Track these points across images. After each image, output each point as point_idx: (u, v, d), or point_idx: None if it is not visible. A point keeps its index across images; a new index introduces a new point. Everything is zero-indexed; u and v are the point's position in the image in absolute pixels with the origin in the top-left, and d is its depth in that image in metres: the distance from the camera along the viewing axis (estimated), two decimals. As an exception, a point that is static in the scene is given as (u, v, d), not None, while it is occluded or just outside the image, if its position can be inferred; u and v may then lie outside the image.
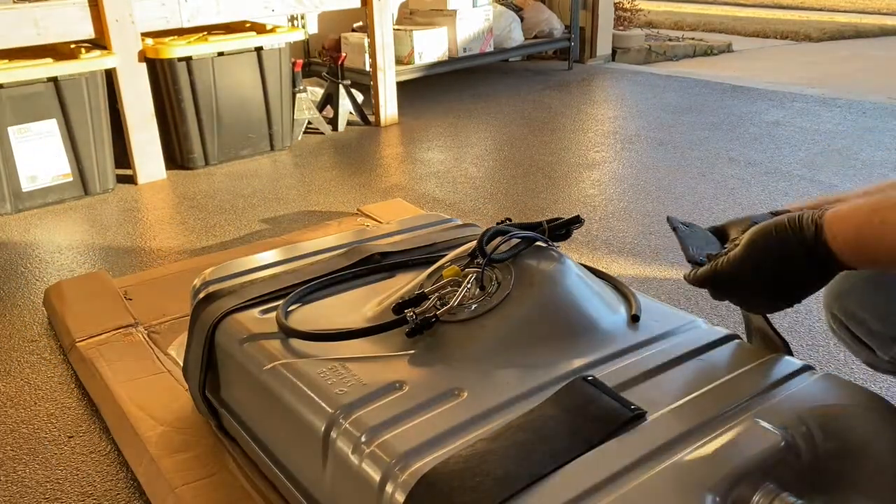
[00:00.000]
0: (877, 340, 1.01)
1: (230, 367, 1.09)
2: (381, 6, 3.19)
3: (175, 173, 2.78)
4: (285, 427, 0.95)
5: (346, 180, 2.67)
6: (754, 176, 2.60)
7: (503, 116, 3.48)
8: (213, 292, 1.17)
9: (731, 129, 3.18)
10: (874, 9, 7.87)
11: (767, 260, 0.79)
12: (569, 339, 0.95)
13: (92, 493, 1.20)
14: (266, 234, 2.22)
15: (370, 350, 0.96)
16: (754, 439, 0.75)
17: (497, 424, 0.80)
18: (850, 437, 0.79)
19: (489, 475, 0.72)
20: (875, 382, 1.43)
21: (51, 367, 1.56)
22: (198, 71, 2.68)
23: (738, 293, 0.85)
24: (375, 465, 0.78)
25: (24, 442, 1.33)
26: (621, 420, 0.79)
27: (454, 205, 2.41)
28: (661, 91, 3.91)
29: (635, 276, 1.89)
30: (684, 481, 0.70)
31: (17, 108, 2.35)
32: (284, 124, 3.00)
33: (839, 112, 3.43)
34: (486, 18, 3.89)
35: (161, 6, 2.61)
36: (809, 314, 1.68)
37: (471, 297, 0.98)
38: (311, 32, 3.98)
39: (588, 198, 2.45)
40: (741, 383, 0.86)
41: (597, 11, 4.54)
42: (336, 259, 1.24)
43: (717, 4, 8.27)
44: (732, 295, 0.86)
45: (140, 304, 1.72)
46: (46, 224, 2.35)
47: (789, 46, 5.90)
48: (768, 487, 0.70)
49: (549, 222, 1.07)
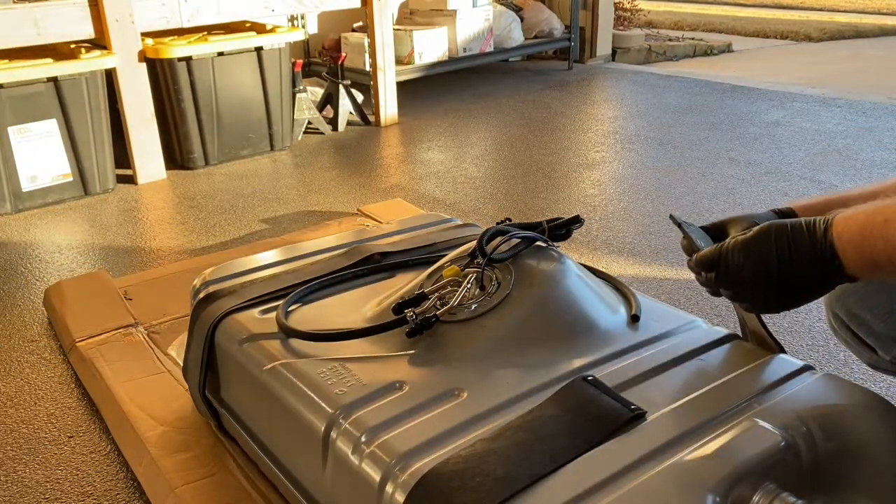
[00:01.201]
0: (878, 340, 1.01)
1: (230, 368, 1.09)
2: (381, 6, 3.19)
3: (175, 173, 2.78)
4: (285, 427, 0.95)
5: (346, 180, 2.67)
6: (754, 176, 2.60)
7: (503, 116, 3.48)
8: (213, 292, 1.17)
9: (731, 129, 3.18)
10: (874, 9, 7.87)
11: (773, 253, 0.79)
12: (569, 339, 0.95)
13: (92, 493, 1.20)
14: (266, 234, 2.22)
15: (370, 350, 0.96)
16: (754, 439, 0.75)
17: (497, 424, 0.80)
18: (850, 437, 0.79)
19: (489, 475, 0.72)
20: (875, 382, 1.43)
21: (51, 367, 1.56)
22: (198, 71, 2.68)
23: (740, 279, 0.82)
24: (375, 465, 0.78)
25: (24, 442, 1.33)
26: (621, 420, 0.79)
27: (454, 205, 2.41)
28: (661, 91, 3.91)
29: (635, 276, 1.89)
30: (684, 481, 0.70)
31: (17, 108, 2.35)
32: (284, 124, 3.00)
33: (839, 112, 3.43)
34: (486, 18, 3.89)
35: (161, 6, 2.61)
36: (809, 314, 1.68)
37: (471, 297, 0.98)
38: (311, 32, 3.98)
39: (588, 198, 2.45)
40: (741, 383, 0.86)
41: (597, 11, 4.54)
42: (336, 259, 1.24)
43: (717, 4, 8.27)
44: (734, 282, 0.83)
45: (140, 304, 1.72)
46: (46, 224, 2.35)
47: (789, 46, 5.90)
48: (768, 487, 0.70)
49: (549, 222, 1.07)
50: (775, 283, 0.79)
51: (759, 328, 0.96)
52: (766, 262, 0.79)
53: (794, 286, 0.79)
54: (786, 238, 0.78)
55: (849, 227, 0.75)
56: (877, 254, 0.72)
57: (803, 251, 0.77)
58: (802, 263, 0.77)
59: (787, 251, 0.78)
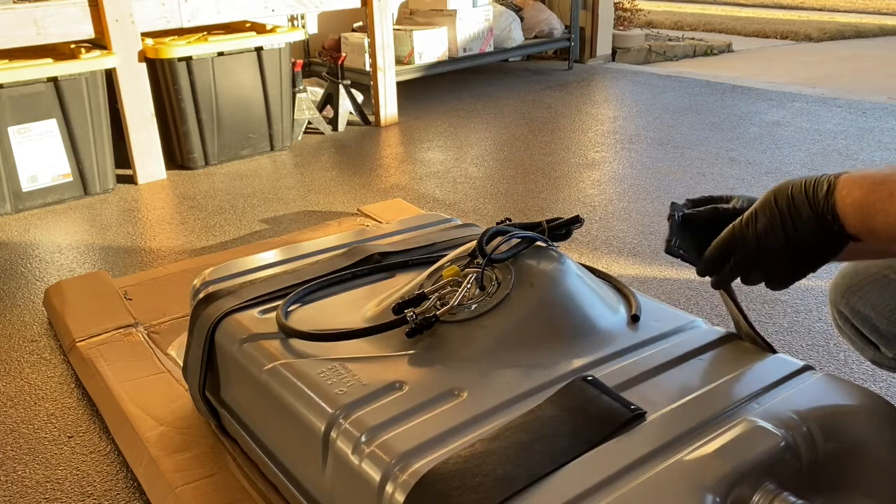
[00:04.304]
0: (882, 338, 1.01)
1: (230, 368, 1.09)
2: (381, 6, 3.19)
3: (175, 173, 2.78)
4: (285, 427, 0.95)
5: (346, 180, 2.67)
6: (754, 176, 2.60)
7: (503, 116, 3.48)
8: (212, 292, 1.17)
9: (731, 129, 3.18)
10: (874, 9, 7.87)
11: (777, 220, 0.77)
12: (569, 339, 0.95)
13: (92, 493, 1.20)
14: (266, 234, 2.22)
15: (370, 350, 0.96)
16: (754, 439, 0.75)
17: (497, 425, 0.80)
18: (850, 437, 0.79)
19: (489, 475, 0.72)
20: (875, 382, 1.43)
21: (51, 367, 1.56)
22: (198, 71, 2.68)
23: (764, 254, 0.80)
24: (375, 465, 0.78)
25: (24, 442, 1.33)
26: (621, 420, 0.79)
27: (454, 205, 2.41)
28: (661, 91, 3.91)
29: (635, 276, 1.89)
30: (684, 481, 0.70)
31: (17, 108, 2.35)
32: (284, 124, 3.00)
33: (839, 112, 3.43)
34: (486, 18, 3.89)
35: (161, 6, 2.61)
36: (809, 314, 1.68)
37: (471, 297, 0.98)
38: (311, 32, 3.98)
39: (588, 198, 2.45)
40: (741, 383, 0.86)
41: (597, 11, 4.54)
42: (336, 259, 1.24)
43: (717, 4, 8.27)
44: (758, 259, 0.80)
45: (140, 304, 1.72)
46: (46, 224, 2.35)
47: (789, 46, 5.89)
48: (768, 487, 0.70)
49: (549, 222, 1.07)
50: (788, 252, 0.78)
51: (752, 333, 0.95)
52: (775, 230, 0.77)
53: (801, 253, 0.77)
54: (787, 201, 0.77)
55: (853, 193, 0.72)
56: (876, 225, 0.71)
57: (804, 213, 0.75)
58: (805, 227, 0.76)
59: (788, 216, 0.76)
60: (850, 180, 0.73)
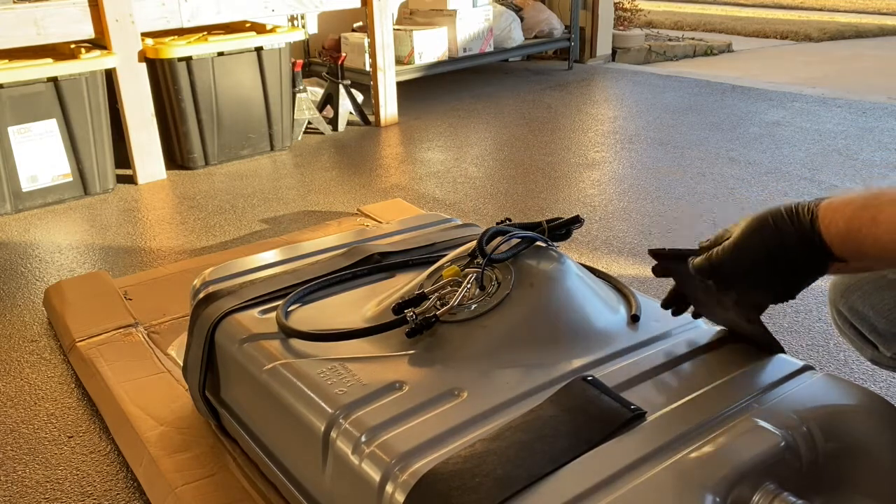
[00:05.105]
0: (880, 337, 1.01)
1: (230, 368, 1.09)
2: (381, 6, 3.19)
3: (175, 173, 2.78)
4: (285, 427, 0.95)
5: (346, 180, 2.67)
6: (754, 176, 2.60)
7: (503, 116, 3.48)
8: (212, 292, 1.17)
9: (731, 129, 3.18)
10: (874, 9, 7.87)
11: (763, 249, 0.78)
12: (569, 339, 0.95)
13: (92, 493, 1.20)
14: (266, 234, 2.22)
15: (370, 350, 0.96)
16: (754, 439, 0.75)
17: (497, 425, 0.80)
18: (850, 437, 0.79)
19: (489, 475, 0.72)
20: (875, 382, 1.43)
21: (51, 367, 1.56)
22: (198, 71, 2.68)
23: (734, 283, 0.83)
24: (375, 465, 0.78)
25: (24, 442, 1.33)
26: (621, 420, 0.79)
27: (454, 205, 2.41)
28: (661, 91, 3.91)
29: (635, 276, 1.89)
30: (684, 481, 0.70)
31: (17, 108, 2.35)
32: (284, 124, 3.00)
33: (839, 112, 3.43)
34: (486, 18, 3.89)
35: (161, 6, 2.61)
36: (809, 314, 1.68)
37: (471, 297, 0.98)
38: (311, 32, 3.98)
39: (588, 198, 2.45)
40: (741, 383, 0.86)
41: (597, 11, 4.54)
42: (336, 259, 1.24)
43: (717, 4, 8.26)
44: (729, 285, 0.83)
45: (140, 304, 1.72)
46: (46, 224, 2.35)
47: (789, 46, 5.89)
48: (768, 487, 0.70)
49: (548, 222, 1.07)
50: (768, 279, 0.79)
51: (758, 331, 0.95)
52: (757, 259, 0.78)
53: (787, 271, 0.78)
54: (769, 230, 0.77)
55: (835, 221, 0.73)
56: (865, 249, 0.71)
57: (789, 240, 0.76)
58: (792, 254, 0.76)
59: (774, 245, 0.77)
60: (830, 209, 0.74)
